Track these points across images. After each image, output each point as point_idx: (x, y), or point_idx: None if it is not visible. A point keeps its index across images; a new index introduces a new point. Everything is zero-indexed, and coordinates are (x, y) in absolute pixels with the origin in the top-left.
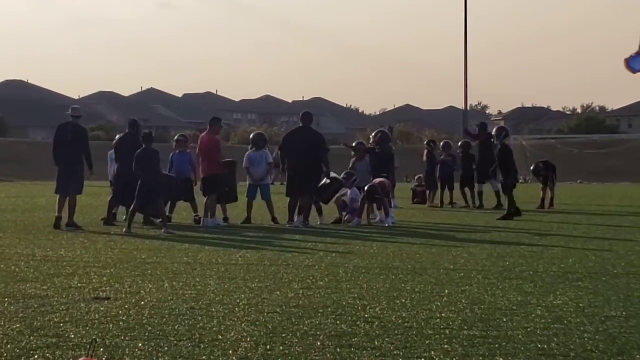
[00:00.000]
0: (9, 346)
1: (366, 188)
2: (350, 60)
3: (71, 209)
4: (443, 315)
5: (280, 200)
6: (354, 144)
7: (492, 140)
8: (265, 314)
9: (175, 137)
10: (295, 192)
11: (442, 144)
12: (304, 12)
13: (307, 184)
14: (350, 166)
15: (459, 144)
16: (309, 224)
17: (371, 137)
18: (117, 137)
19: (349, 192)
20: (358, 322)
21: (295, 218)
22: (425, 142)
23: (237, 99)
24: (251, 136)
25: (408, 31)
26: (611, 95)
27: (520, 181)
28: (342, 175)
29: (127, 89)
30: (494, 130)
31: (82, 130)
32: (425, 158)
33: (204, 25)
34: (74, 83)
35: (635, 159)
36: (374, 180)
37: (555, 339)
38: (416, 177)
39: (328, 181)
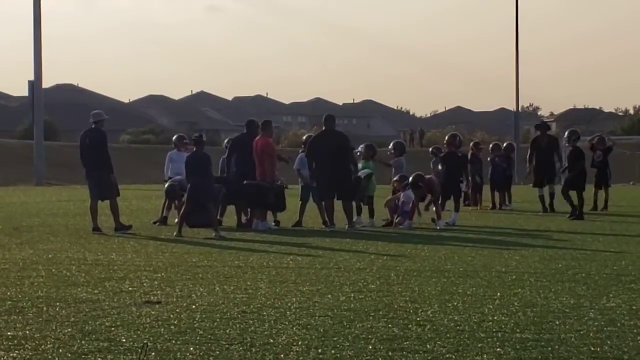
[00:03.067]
0: (60, 350)
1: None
2: (400, 61)
3: (113, 214)
4: (495, 318)
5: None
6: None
7: (559, 142)
8: (317, 318)
9: (225, 141)
10: (327, 195)
11: (491, 145)
12: (351, 13)
13: (340, 188)
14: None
15: (504, 145)
16: (355, 226)
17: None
18: (231, 138)
19: (401, 194)
20: (409, 325)
21: (355, 218)
22: (471, 144)
23: (287, 102)
24: (303, 138)
25: (458, 31)
26: None
27: None
28: (395, 178)
29: (177, 92)
30: (566, 133)
31: (101, 134)
32: (469, 160)
33: (252, 28)
34: (124, 87)
35: None
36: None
37: (609, 342)
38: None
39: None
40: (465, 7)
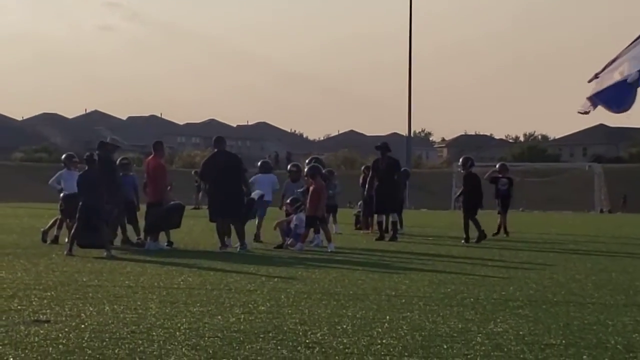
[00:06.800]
0: None
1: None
2: (294, 86)
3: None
4: (384, 341)
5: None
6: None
7: (396, 167)
8: (206, 339)
9: (118, 161)
10: (220, 215)
11: None
12: (247, 37)
13: (232, 208)
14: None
15: None
16: (247, 247)
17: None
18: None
19: (294, 217)
20: (299, 348)
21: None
22: (362, 168)
23: (181, 123)
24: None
25: (352, 57)
26: (553, 124)
27: None
28: (287, 201)
29: (71, 111)
30: (460, 159)
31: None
32: (361, 184)
33: (146, 48)
34: (17, 104)
35: (576, 187)
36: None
37: None
38: (359, 203)
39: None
40: (358, 32)
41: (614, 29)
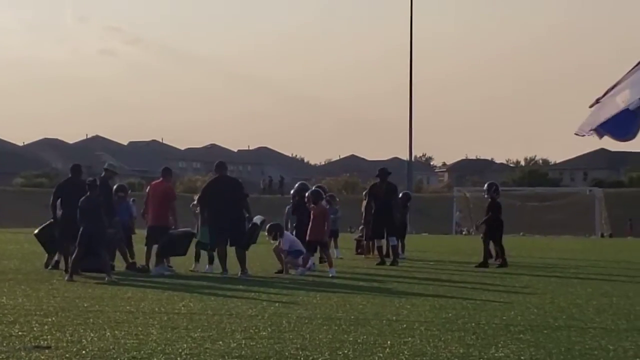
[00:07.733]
0: None
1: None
2: (296, 111)
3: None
4: None
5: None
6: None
7: (394, 192)
8: None
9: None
10: (223, 241)
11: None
12: (247, 62)
13: (233, 234)
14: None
15: (400, 194)
16: (248, 273)
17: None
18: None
19: (281, 240)
20: None
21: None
22: (363, 193)
23: (182, 147)
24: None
25: (354, 83)
26: (554, 148)
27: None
28: (267, 227)
29: (72, 136)
30: (485, 185)
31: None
32: (362, 209)
33: (149, 73)
34: (19, 129)
35: (576, 212)
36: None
37: None
38: (360, 228)
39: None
40: (360, 57)
41: (615, 54)
